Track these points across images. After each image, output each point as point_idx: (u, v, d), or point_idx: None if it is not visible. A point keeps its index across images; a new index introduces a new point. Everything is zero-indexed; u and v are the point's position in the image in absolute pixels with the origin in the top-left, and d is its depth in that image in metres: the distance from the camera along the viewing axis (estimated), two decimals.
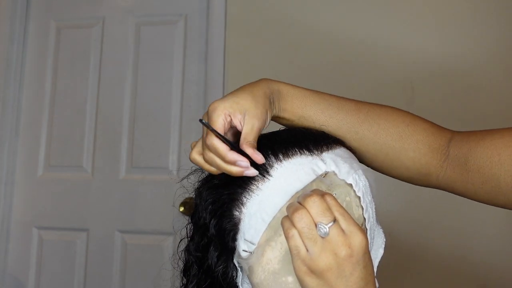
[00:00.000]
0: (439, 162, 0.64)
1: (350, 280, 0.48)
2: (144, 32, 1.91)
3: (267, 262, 0.54)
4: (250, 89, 0.60)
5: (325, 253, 0.47)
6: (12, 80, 1.93)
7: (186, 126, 1.82)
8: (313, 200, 0.49)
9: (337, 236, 0.47)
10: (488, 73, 1.57)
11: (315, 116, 0.64)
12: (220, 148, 0.54)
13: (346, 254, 0.47)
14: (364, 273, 0.48)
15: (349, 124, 0.64)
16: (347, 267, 0.48)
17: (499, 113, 1.54)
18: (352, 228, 0.48)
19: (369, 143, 0.65)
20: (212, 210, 0.57)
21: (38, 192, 1.91)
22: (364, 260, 0.48)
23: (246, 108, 0.57)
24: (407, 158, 0.65)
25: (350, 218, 0.49)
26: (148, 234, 1.78)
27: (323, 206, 0.48)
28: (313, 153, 0.57)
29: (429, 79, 1.59)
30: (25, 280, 1.87)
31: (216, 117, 0.56)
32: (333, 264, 0.48)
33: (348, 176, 0.55)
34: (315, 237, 0.48)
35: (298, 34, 1.71)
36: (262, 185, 0.55)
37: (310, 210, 0.48)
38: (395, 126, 0.65)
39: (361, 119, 0.65)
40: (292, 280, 0.53)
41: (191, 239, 0.62)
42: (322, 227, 0.48)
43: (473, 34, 1.59)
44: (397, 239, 1.51)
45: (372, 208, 0.58)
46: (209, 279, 0.59)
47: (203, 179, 0.61)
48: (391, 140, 0.64)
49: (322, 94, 0.66)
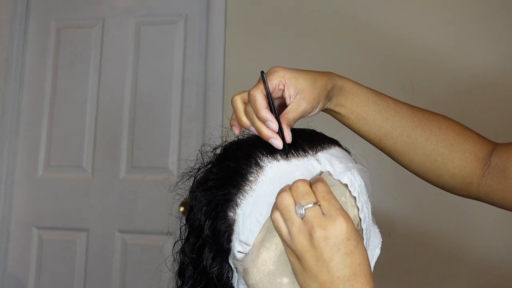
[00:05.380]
0: (481, 171, 0.66)
1: (331, 266, 0.47)
2: (144, 32, 1.91)
3: (262, 263, 0.54)
4: (313, 75, 0.61)
5: (302, 234, 0.48)
6: (12, 80, 1.93)
7: (186, 126, 1.82)
8: (296, 183, 0.49)
9: (313, 218, 0.47)
10: (488, 73, 1.56)
11: (372, 116, 0.66)
12: (259, 101, 0.55)
13: (320, 236, 0.47)
14: (349, 261, 0.47)
15: (403, 127, 0.66)
16: (325, 251, 0.47)
17: (500, 113, 1.54)
18: (333, 212, 0.48)
19: (419, 148, 0.66)
20: (206, 211, 0.57)
21: (38, 192, 1.91)
22: (346, 246, 0.47)
23: (302, 88, 0.58)
24: (453, 165, 0.66)
25: (335, 203, 0.48)
26: (148, 234, 1.78)
27: (305, 189, 0.49)
28: (308, 154, 0.56)
29: (429, 79, 1.59)
30: (25, 280, 1.87)
31: (273, 78, 0.57)
32: (308, 245, 0.47)
33: (343, 176, 0.55)
34: (293, 218, 0.48)
35: (298, 34, 1.71)
36: (256, 186, 0.55)
37: (292, 193, 0.49)
38: (446, 134, 0.66)
39: (415, 124, 0.66)
40: (288, 281, 0.53)
41: (186, 241, 0.62)
42: (298, 208, 0.48)
43: (475, 34, 1.59)
44: (397, 239, 1.51)
45: (368, 208, 0.57)
46: (204, 280, 0.59)
47: (197, 181, 0.61)
48: (441, 146, 0.66)
49: (382, 95, 0.68)
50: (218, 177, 0.57)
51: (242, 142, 0.61)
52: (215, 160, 0.61)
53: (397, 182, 1.54)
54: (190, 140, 1.80)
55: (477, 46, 1.58)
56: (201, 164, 0.63)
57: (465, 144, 0.66)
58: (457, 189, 0.68)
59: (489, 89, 1.55)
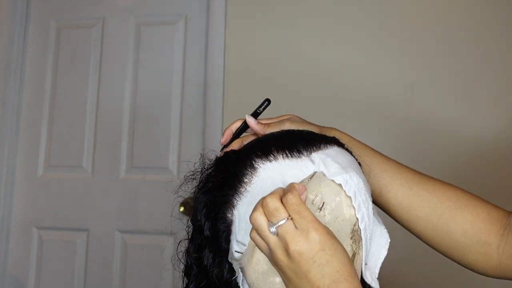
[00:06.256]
0: (500, 231, 0.61)
1: (309, 277, 0.48)
2: (144, 32, 1.91)
3: (257, 262, 0.54)
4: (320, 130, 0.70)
5: (278, 250, 0.49)
6: (12, 80, 1.93)
7: (186, 126, 1.82)
8: (266, 200, 0.49)
9: (285, 234, 0.48)
10: (488, 74, 1.56)
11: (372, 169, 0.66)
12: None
13: (294, 251, 0.47)
14: (326, 271, 0.47)
15: (403, 179, 0.65)
16: (301, 264, 0.48)
17: (499, 113, 1.54)
18: (304, 226, 0.48)
19: (422, 200, 0.64)
20: (206, 213, 0.59)
21: (38, 192, 1.91)
22: (320, 257, 0.47)
23: None
24: (464, 220, 0.62)
25: (307, 215, 0.48)
26: (148, 234, 1.78)
27: (274, 205, 0.49)
28: (302, 155, 0.57)
29: (429, 79, 1.59)
30: (25, 280, 1.87)
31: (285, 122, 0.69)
32: (286, 261, 0.48)
33: (337, 176, 0.54)
34: (267, 237, 0.49)
35: (298, 34, 1.70)
36: (250, 187, 0.56)
37: (264, 210, 0.50)
38: (451, 190, 0.64)
39: (415, 178, 0.65)
40: (280, 280, 0.53)
41: (191, 241, 0.64)
42: (270, 226, 0.49)
43: (473, 37, 1.59)
44: (397, 239, 1.50)
45: (368, 207, 0.56)
46: (205, 280, 0.60)
47: (199, 183, 0.63)
48: (446, 199, 0.63)
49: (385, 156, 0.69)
50: (217, 180, 0.59)
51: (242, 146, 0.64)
52: (215, 163, 0.63)
53: None
54: (190, 140, 1.80)
55: (477, 47, 1.58)
56: (203, 167, 0.64)
57: (474, 201, 0.63)
58: (473, 252, 0.62)
59: (490, 89, 1.55)
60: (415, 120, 1.57)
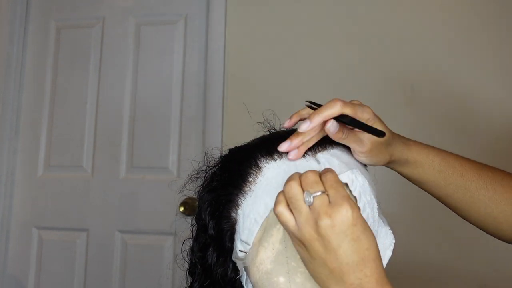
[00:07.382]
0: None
1: (339, 253, 0.47)
2: (144, 32, 1.91)
3: (261, 262, 0.54)
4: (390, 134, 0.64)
5: (309, 223, 0.48)
6: (12, 80, 1.93)
7: (186, 126, 1.82)
8: (306, 173, 0.50)
9: (320, 206, 0.48)
10: (488, 74, 1.57)
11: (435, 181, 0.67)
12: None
13: (327, 224, 0.47)
14: (356, 247, 0.47)
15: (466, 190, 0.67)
16: (332, 239, 0.47)
17: (499, 113, 1.54)
18: (339, 200, 0.48)
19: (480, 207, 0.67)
20: (210, 212, 0.59)
21: (38, 192, 1.91)
22: (352, 232, 0.47)
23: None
24: None
25: (342, 190, 0.49)
26: (148, 234, 1.78)
27: (314, 178, 0.49)
28: (307, 154, 0.57)
29: (429, 79, 1.59)
30: (25, 280, 1.87)
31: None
32: (316, 234, 0.48)
33: (342, 176, 0.54)
34: (301, 206, 0.48)
35: (299, 34, 1.71)
36: (254, 186, 0.56)
37: (301, 182, 0.49)
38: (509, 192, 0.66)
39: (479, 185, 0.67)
40: (284, 280, 0.53)
41: (195, 239, 0.64)
42: (307, 195, 0.48)
43: (473, 37, 1.59)
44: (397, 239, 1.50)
45: (372, 208, 0.57)
46: (209, 279, 0.60)
47: (203, 182, 0.63)
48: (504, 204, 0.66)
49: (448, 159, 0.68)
50: (222, 179, 0.58)
51: (245, 144, 0.63)
52: (219, 162, 0.63)
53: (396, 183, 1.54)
54: (190, 140, 1.80)
55: (477, 47, 1.58)
56: (207, 166, 0.64)
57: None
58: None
59: (490, 90, 1.56)
60: (415, 120, 1.57)
